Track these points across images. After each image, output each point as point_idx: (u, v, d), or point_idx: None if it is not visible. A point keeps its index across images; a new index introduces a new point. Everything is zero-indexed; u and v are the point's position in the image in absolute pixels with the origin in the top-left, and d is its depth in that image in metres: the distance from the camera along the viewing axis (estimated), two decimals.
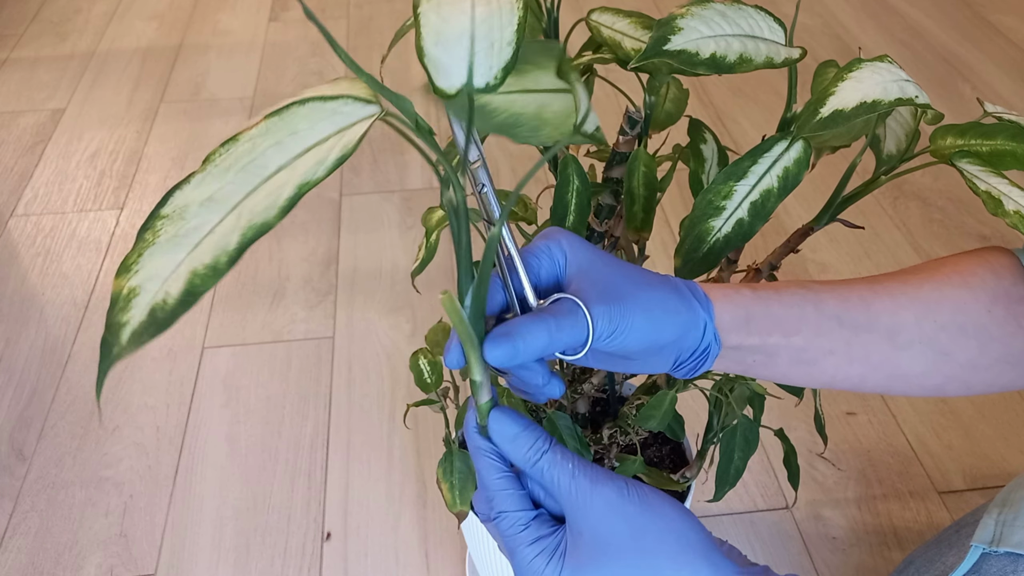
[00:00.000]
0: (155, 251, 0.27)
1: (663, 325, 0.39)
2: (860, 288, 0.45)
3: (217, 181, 0.28)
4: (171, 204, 0.27)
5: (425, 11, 0.33)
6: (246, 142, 0.28)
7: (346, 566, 0.88)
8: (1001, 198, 0.41)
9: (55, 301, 1.20)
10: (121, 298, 0.26)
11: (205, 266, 0.26)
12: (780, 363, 0.44)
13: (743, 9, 0.46)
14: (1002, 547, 0.55)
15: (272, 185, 0.28)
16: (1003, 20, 1.82)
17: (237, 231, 0.27)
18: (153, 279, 0.26)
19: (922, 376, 0.45)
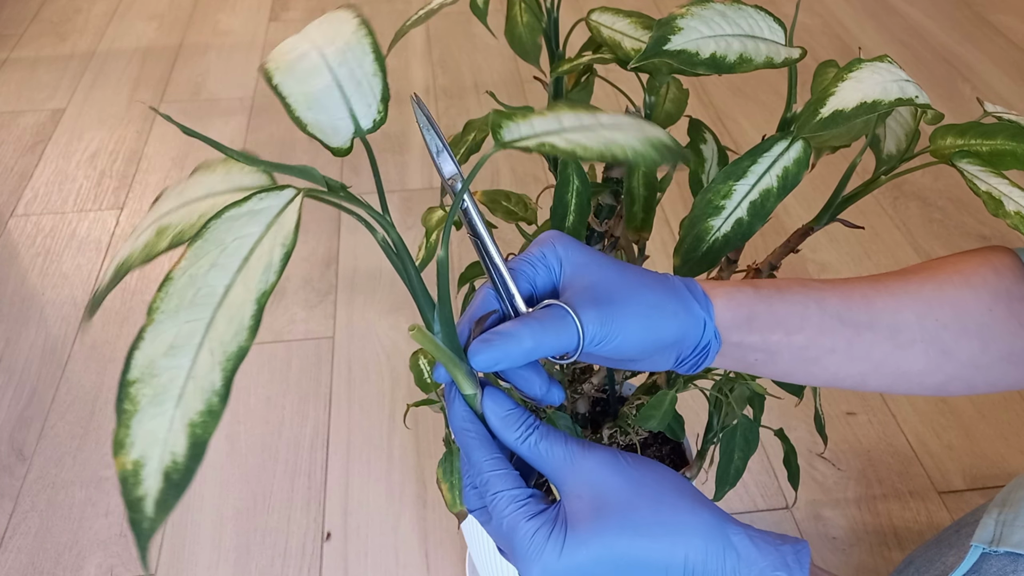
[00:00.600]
0: (141, 417, 0.25)
1: (659, 328, 0.40)
2: (862, 287, 0.45)
3: (171, 326, 0.26)
4: (135, 367, 0.26)
5: (281, 81, 0.32)
6: (182, 277, 0.27)
7: (346, 566, 0.88)
8: (1002, 199, 0.41)
9: (55, 301, 1.20)
10: (128, 475, 0.25)
11: (200, 413, 0.25)
12: (782, 361, 0.44)
13: (743, 9, 0.46)
14: (1002, 547, 0.55)
15: (230, 308, 0.27)
16: (1003, 20, 1.82)
17: (216, 367, 0.26)
18: (152, 445, 0.25)
19: (924, 375, 0.45)
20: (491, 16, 0.54)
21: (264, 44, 1.82)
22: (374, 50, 0.33)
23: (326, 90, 0.32)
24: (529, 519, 0.37)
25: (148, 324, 0.26)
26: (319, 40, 0.34)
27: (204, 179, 0.32)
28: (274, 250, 0.28)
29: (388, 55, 0.52)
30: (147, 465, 0.25)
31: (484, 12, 0.55)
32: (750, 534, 0.37)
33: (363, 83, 0.33)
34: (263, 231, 0.28)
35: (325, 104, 0.32)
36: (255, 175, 0.32)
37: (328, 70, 0.33)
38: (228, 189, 0.31)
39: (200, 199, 0.31)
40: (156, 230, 0.31)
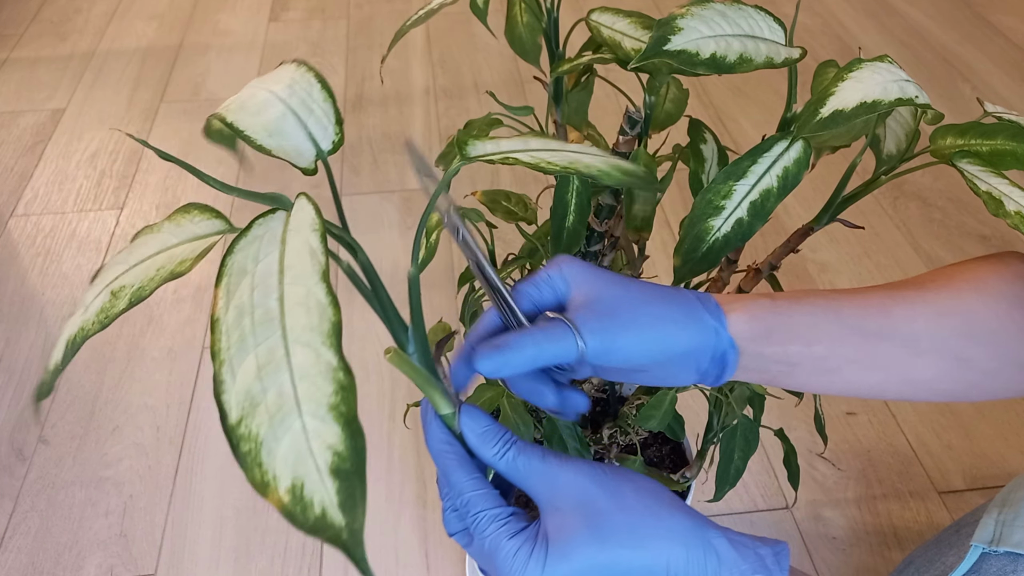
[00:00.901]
0: (270, 447, 0.24)
1: (665, 337, 0.40)
2: (879, 296, 0.45)
3: (246, 355, 0.25)
4: (232, 409, 0.24)
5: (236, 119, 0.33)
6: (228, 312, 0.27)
7: (346, 566, 0.88)
8: (1002, 199, 0.41)
9: (55, 301, 1.20)
10: (292, 507, 0.23)
11: (334, 393, 0.24)
12: (801, 372, 0.44)
13: (743, 9, 0.46)
14: (1002, 547, 0.55)
15: (297, 304, 0.26)
16: (1003, 20, 1.82)
17: (322, 349, 0.25)
18: (299, 461, 0.24)
19: (938, 382, 0.45)
20: (491, 16, 0.54)
21: (264, 44, 1.82)
22: (319, 80, 0.35)
23: (281, 118, 0.33)
24: (511, 537, 0.37)
25: (220, 367, 0.25)
26: (265, 83, 0.36)
27: (151, 239, 0.32)
28: (309, 238, 0.28)
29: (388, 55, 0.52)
30: (307, 482, 0.23)
31: (484, 12, 0.55)
32: (730, 537, 0.37)
33: (315, 110, 0.34)
34: (280, 247, 0.28)
35: (284, 131, 0.33)
36: (210, 222, 0.32)
37: (280, 102, 0.34)
38: (183, 240, 0.32)
39: (152, 255, 0.31)
40: (110, 294, 0.30)
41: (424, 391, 0.38)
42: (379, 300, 0.35)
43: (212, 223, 0.32)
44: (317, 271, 0.27)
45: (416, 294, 0.36)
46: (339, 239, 0.33)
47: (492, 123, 0.57)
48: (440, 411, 0.39)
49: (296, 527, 0.23)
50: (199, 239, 0.32)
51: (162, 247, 0.32)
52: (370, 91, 1.65)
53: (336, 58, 1.76)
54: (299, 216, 0.29)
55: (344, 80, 1.68)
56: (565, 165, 0.36)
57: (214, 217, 0.33)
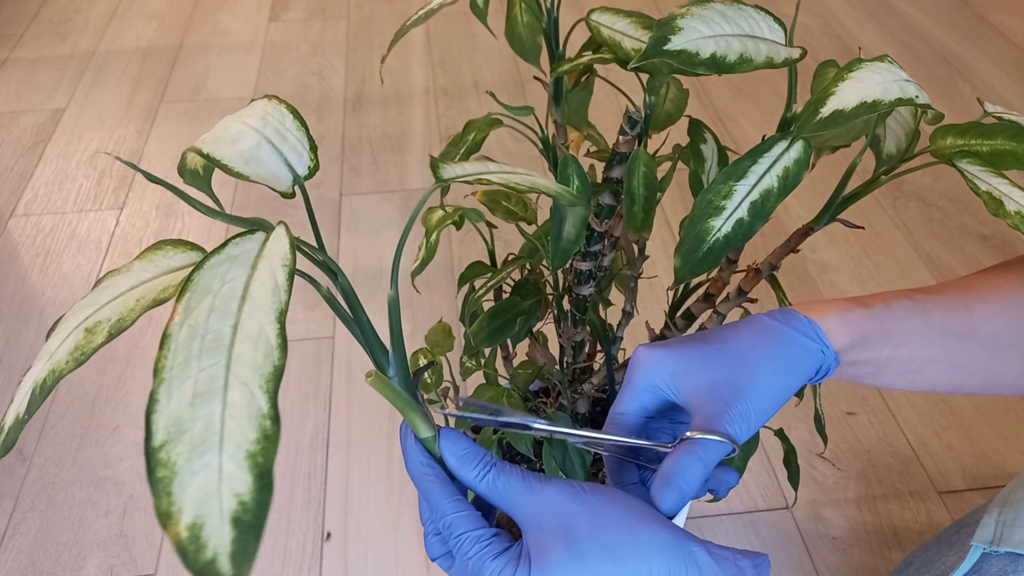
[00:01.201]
0: (183, 478, 0.23)
1: (789, 386, 0.41)
2: (961, 297, 0.46)
3: (186, 379, 0.25)
4: (157, 430, 0.24)
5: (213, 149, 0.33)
6: (181, 330, 0.26)
7: (346, 566, 0.88)
8: (1002, 199, 0.41)
9: (55, 301, 1.20)
10: (186, 544, 0.23)
11: (256, 440, 0.24)
12: (888, 373, 0.45)
13: (743, 9, 0.46)
14: (1002, 547, 0.55)
15: (248, 339, 0.26)
16: (1003, 20, 1.82)
17: (257, 392, 0.25)
18: (206, 500, 0.23)
19: (1016, 379, 0.47)
20: (491, 16, 0.54)
21: (264, 44, 1.82)
22: (291, 111, 0.36)
23: (257, 147, 0.34)
24: (494, 558, 0.37)
25: (159, 385, 0.25)
26: (238, 117, 0.36)
27: (120, 279, 0.32)
28: (276, 272, 0.27)
29: (388, 55, 0.52)
30: (207, 523, 0.23)
31: (484, 12, 0.55)
32: (710, 550, 0.38)
33: (289, 138, 0.35)
34: (249, 271, 0.27)
35: (260, 158, 0.33)
36: (185, 255, 0.32)
37: (254, 132, 0.34)
38: (159, 273, 0.32)
39: (129, 290, 0.31)
40: (84, 331, 0.30)
41: (404, 414, 0.38)
42: (359, 324, 0.35)
43: (187, 255, 0.32)
44: (275, 309, 0.26)
45: (396, 317, 0.36)
46: (319, 264, 0.33)
47: (492, 123, 0.57)
48: (420, 434, 0.39)
49: (185, 565, 0.22)
50: (176, 271, 0.32)
51: (135, 283, 0.31)
52: (370, 91, 1.65)
53: (336, 58, 1.76)
54: (274, 245, 0.28)
55: (344, 80, 1.68)
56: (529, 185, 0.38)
57: (189, 249, 0.33)
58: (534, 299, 0.60)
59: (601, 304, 0.66)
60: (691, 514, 0.92)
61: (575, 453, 0.59)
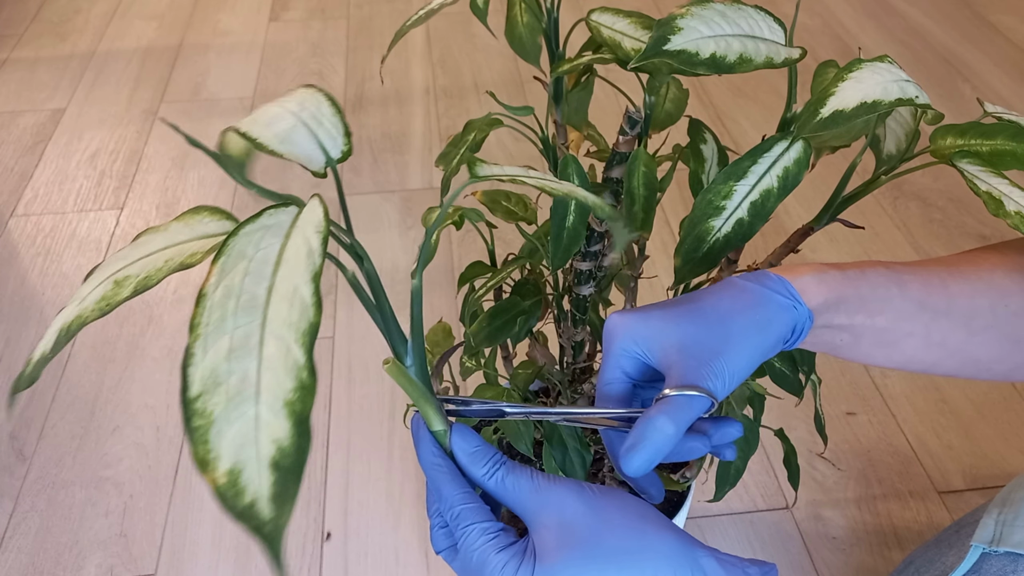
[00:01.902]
0: (220, 427, 0.24)
1: (763, 344, 0.41)
2: (940, 272, 0.46)
3: (221, 335, 0.25)
4: (194, 382, 0.25)
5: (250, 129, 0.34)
6: (217, 290, 0.27)
7: (346, 566, 0.88)
8: (1002, 199, 0.41)
9: (55, 301, 1.20)
10: (225, 489, 0.23)
11: (293, 390, 0.24)
12: (864, 344, 0.45)
13: (743, 9, 0.46)
14: (1002, 547, 0.55)
15: (283, 299, 0.26)
16: (1003, 20, 1.82)
17: (294, 346, 0.25)
18: (243, 447, 0.24)
19: (994, 362, 0.46)
20: (491, 16, 0.54)
21: (264, 44, 1.82)
22: (328, 98, 0.37)
23: (293, 129, 0.35)
24: (499, 551, 0.37)
25: (194, 340, 0.25)
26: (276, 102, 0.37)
27: (156, 236, 0.33)
28: (310, 238, 0.28)
29: (388, 55, 0.52)
30: (246, 469, 0.23)
31: (484, 12, 0.55)
32: (717, 556, 0.37)
33: (324, 123, 0.35)
34: (283, 240, 0.28)
35: (295, 140, 0.34)
36: (220, 222, 0.33)
37: (291, 115, 0.35)
38: (192, 237, 0.32)
39: (159, 250, 0.32)
40: (113, 283, 0.31)
41: (418, 405, 0.38)
42: (381, 311, 0.35)
43: (222, 223, 0.33)
44: (310, 270, 0.27)
45: (418, 306, 0.36)
46: (347, 247, 0.33)
47: (492, 123, 0.57)
48: (432, 427, 0.39)
49: (225, 509, 0.23)
50: (209, 237, 0.32)
51: (170, 243, 0.32)
52: (370, 91, 1.65)
53: (336, 58, 1.76)
54: (308, 215, 0.30)
55: (344, 80, 1.68)
56: (566, 192, 0.38)
57: (225, 218, 0.33)
58: (534, 299, 0.60)
59: (601, 304, 0.66)
60: (691, 514, 0.92)
61: (575, 453, 0.59)
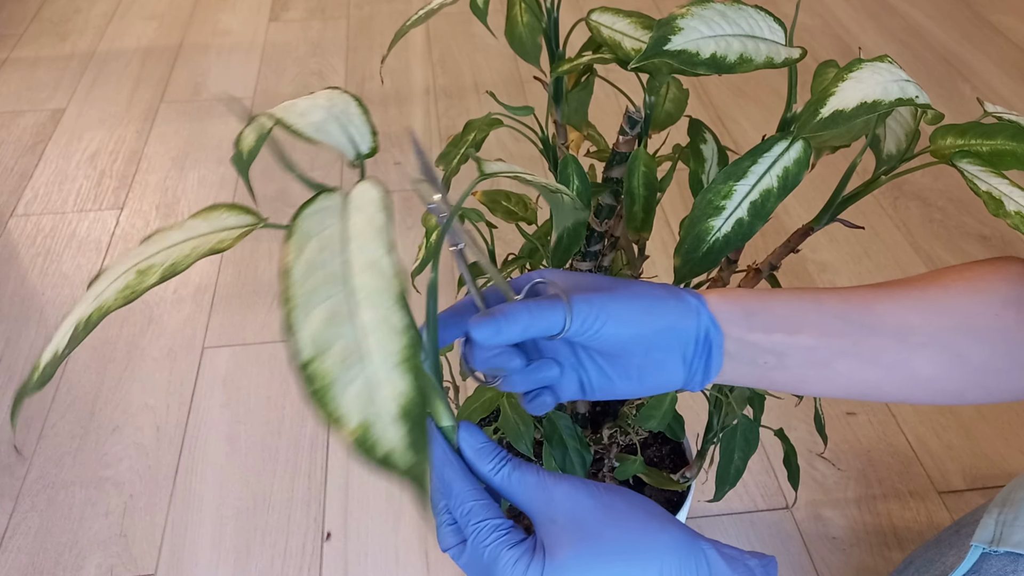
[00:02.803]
0: (341, 387, 0.25)
1: (649, 312, 0.41)
2: (861, 291, 0.45)
3: (314, 306, 0.27)
4: (304, 347, 0.26)
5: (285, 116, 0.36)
6: (298, 264, 0.28)
7: (346, 566, 0.88)
8: (1002, 199, 0.41)
9: (55, 301, 1.20)
10: (363, 441, 0.25)
11: (402, 348, 0.26)
12: (793, 364, 0.44)
13: (743, 9, 0.46)
14: (1002, 547, 0.55)
15: (365, 270, 0.28)
16: (1003, 20, 1.82)
17: (392, 310, 0.27)
18: (368, 404, 0.25)
19: (938, 380, 0.45)
20: (491, 16, 0.54)
21: (264, 44, 1.82)
22: (355, 99, 0.38)
23: (326, 121, 0.36)
24: (510, 548, 0.38)
25: (291, 310, 0.27)
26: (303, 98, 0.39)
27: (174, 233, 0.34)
28: (375, 216, 0.30)
29: (388, 55, 0.52)
30: (375, 423, 0.25)
31: (484, 12, 0.55)
32: (720, 549, 0.38)
33: (354, 121, 0.37)
34: (340, 221, 0.30)
35: (328, 131, 0.36)
36: (239, 217, 0.34)
37: (323, 109, 0.37)
38: (214, 230, 0.33)
39: (181, 242, 0.33)
40: (136, 272, 0.31)
41: (428, 400, 0.39)
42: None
43: (242, 217, 0.34)
44: (385, 243, 0.28)
45: (434, 298, 0.37)
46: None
47: (492, 123, 0.57)
48: (440, 422, 0.39)
49: (366, 460, 0.24)
50: (232, 229, 0.33)
51: (190, 236, 0.33)
52: (370, 91, 1.65)
53: (336, 58, 1.76)
54: (364, 196, 0.31)
55: (344, 80, 1.68)
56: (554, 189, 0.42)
57: (244, 213, 0.34)
58: None
59: None
60: (691, 514, 0.92)
61: (575, 453, 0.59)
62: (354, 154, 0.36)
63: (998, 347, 0.44)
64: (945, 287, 0.45)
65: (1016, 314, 0.44)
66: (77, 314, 0.32)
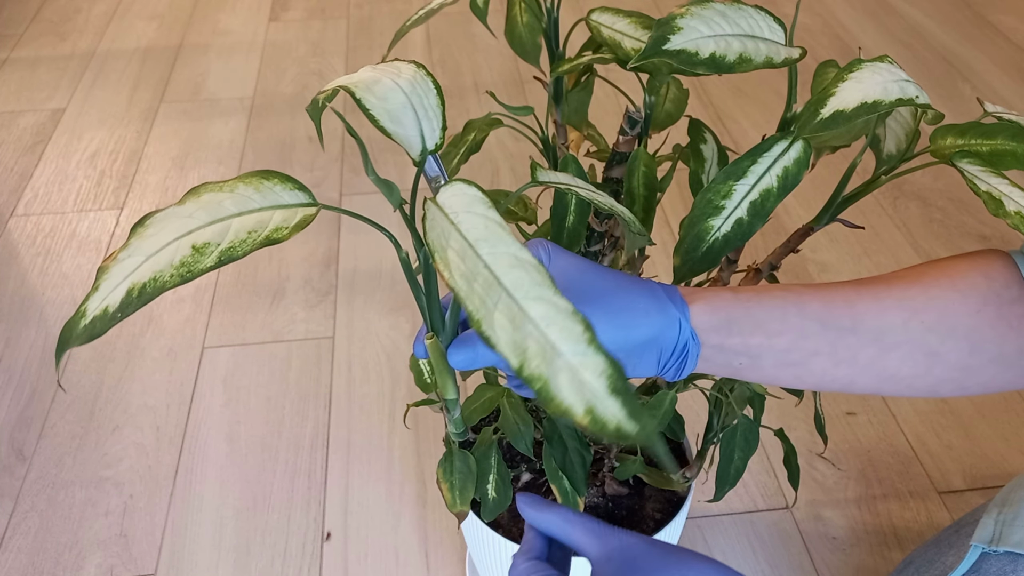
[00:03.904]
0: (555, 383, 0.27)
1: (630, 325, 0.41)
2: (845, 291, 0.45)
3: (492, 311, 0.29)
4: (512, 356, 0.28)
5: (364, 96, 0.36)
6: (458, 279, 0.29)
7: (346, 566, 0.88)
8: (1002, 199, 0.41)
9: (55, 301, 1.20)
10: (594, 424, 0.27)
11: (582, 332, 0.28)
12: (765, 365, 0.44)
13: (743, 9, 0.46)
14: (1002, 547, 0.55)
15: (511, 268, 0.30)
16: (1003, 20, 1.82)
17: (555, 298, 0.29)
18: (581, 389, 0.27)
19: (912, 377, 0.45)
20: (491, 16, 0.54)
21: (264, 44, 1.82)
22: (436, 87, 0.38)
23: (402, 108, 0.36)
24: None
25: (478, 323, 0.28)
26: (387, 73, 0.38)
27: (226, 199, 0.33)
28: (488, 215, 0.30)
29: (388, 55, 0.52)
30: (597, 404, 0.27)
31: (484, 12, 0.55)
32: None
33: (429, 111, 0.37)
34: (453, 227, 0.31)
35: (402, 120, 0.36)
36: (293, 192, 0.34)
37: (403, 93, 0.37)
38: (267, 206, 0.33)
39: (236, 215, 0.32)
40: (192, 248, 0.31)
41: (439, 376, 0.41)
42: (428, 291, 0.38)
43: (296, 194, 0.34)
44: (512, 239, 0.30)
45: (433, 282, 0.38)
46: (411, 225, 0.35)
47: (492, 123, 0.57)
48: (447, 395, 0.42)
49: (604, 437, 0.26)
50: (286, 208, 0.33)
51: (242, 208, 0.33)
52: None
53: (336, 58, 1.76)
54: (461, 198, 0.31)
55: None
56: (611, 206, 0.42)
57: (297, 188, 0.34)
58: None
59: None
60: (691, 514, 0.92)
61: (575, 453, 0.59)
62: (420, 148, 0.36)
63: (975, 344, 0.45)
64: (926, 286, 0.45)
65: (995, 310, 0.45)
66: (127, 269, 0.31)
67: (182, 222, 0.32)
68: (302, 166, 1.46)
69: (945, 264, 0.47)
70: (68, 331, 0.31)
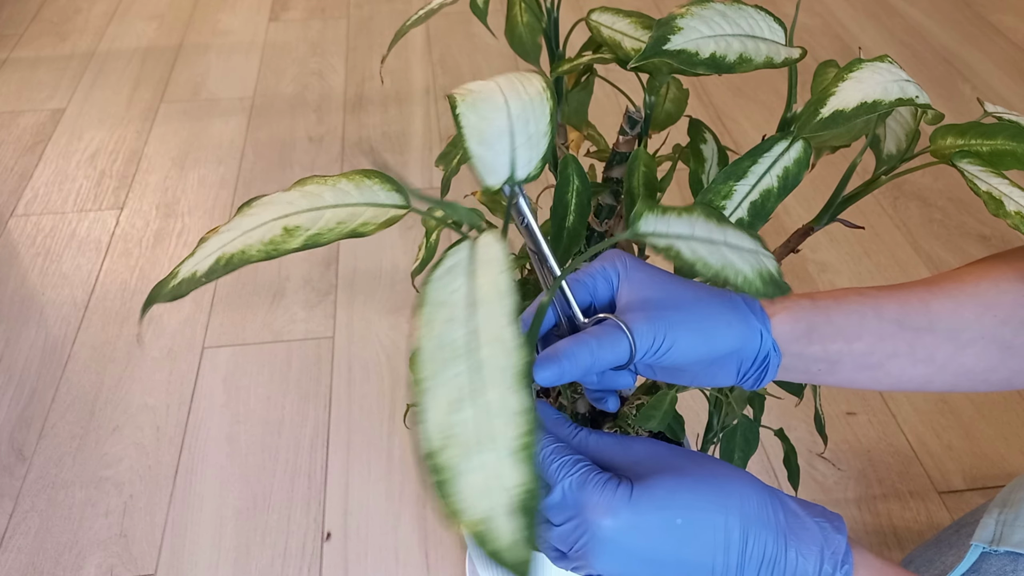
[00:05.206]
0: (464, 479, 0.26)
1: (714, 338, 0.41)
2: (919, 291, 0.46)
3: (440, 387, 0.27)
4: (431, 438, 0.26)
5: (464, 112, 0.34)
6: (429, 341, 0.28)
7: (346, 566, 0.88)
8: (1002, 199, 0.41)
9: (55, 301, 1.20)
10: (483, 535, 0.25)
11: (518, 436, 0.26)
12: (844, 369, 0.45)
13: (743, 9, 0.46)
14: (1002, 546, 0.55)
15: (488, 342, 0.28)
16: (1003, 20, 1.82)
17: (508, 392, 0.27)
18: (485, 495, 0.26)
19: (988, 371, 0.46)
20: (491, 16, 0.54)
21: (264, 44, 1.82)
22: (551, 115, 0.35)
23: (499, 134, 0.34)
24: (598, 474, 0.39)
25: (420, 395, 0.26)
26: (506, 88, 0.37)
27: (327, 192, 0.33)
28: (498, 280, 0.29)
29: (388, 55, 0.52)
30: (495, 517, 0.25)
31: (484, 12, 0.55)
32: (794, 497, 0.40)
33: (532, 139, 0.35)
34: (468, 280, 0.29)
35: (493, 145, 0.34)
36: (390, 193, 0.34)
37: (507, 117, 0.35)
38: (362, 202, 0.33)
39: (331, 206, 0.33)
40: (282, 229, 0.32)
41: None
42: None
43: (392, 195, 0.34)
44: (506, 314, 0.27)
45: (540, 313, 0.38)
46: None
47: None
48: None
49: (486, 554, 0.24)
50: (381, 207, 0.33)
51: (340, 201, 0.33)
52: (370, 91, 1.65)
53: (336, 58, 1.76)
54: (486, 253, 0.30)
55: (344, 80, 1.68)
56: (717, 270, 0.34)
57: (394, 189, 0.34)
58: (534, 299, 0.60)
59: None
60: None
61: None
62: (504, 177, 0.33)
63: None
64: (996, 280, 0.46)
65: None
66: (222, 241, 0.32)
67: (282, 207, 0.33)
68: (302, 166, 1.46)
69: (1010, 256, 0.48)
70: (158, 289, 0.32)
